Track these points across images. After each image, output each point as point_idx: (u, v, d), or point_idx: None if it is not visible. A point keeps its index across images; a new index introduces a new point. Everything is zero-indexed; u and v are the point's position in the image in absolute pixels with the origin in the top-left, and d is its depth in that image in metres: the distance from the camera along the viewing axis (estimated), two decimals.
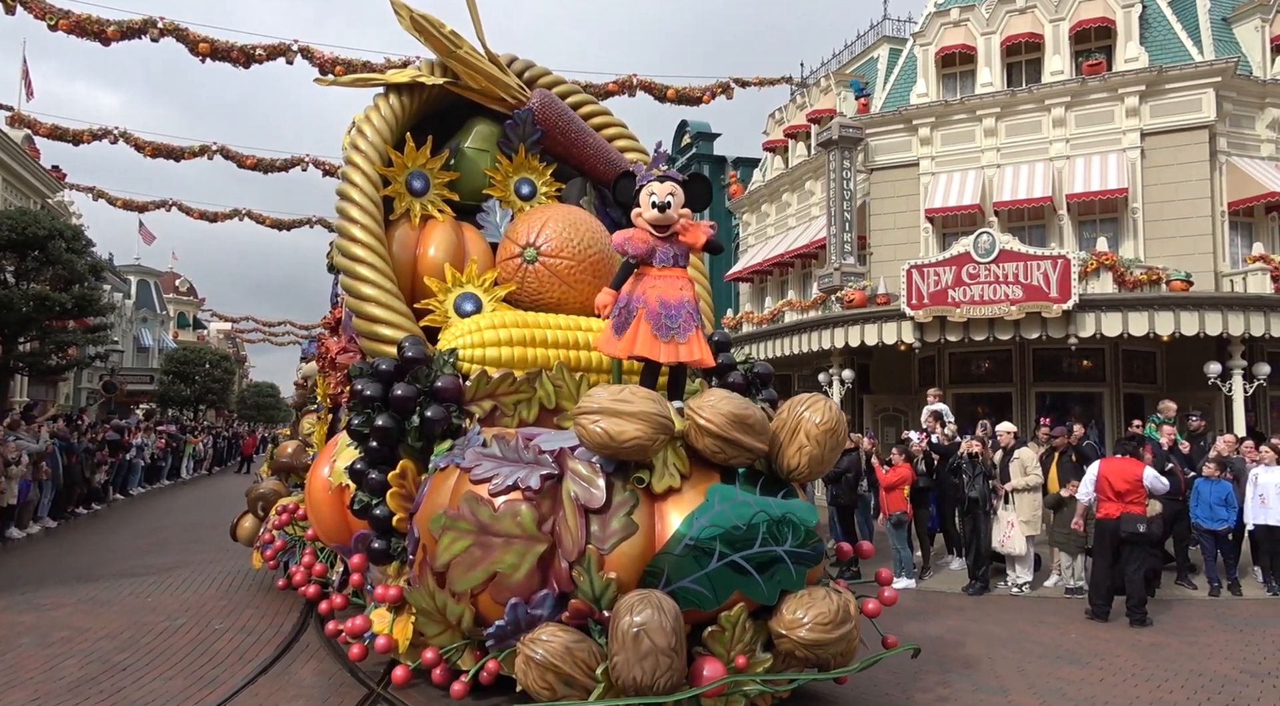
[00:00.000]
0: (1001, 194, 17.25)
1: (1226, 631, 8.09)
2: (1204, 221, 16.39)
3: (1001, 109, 17.81)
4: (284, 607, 8.34)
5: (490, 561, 4.04)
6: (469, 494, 4.20)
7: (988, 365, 17.77)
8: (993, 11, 18.19)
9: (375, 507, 4.87)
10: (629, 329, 4.62)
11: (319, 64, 15.83)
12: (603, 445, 3.93)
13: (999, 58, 18.17)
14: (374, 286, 5.52)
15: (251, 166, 19.25)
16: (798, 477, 4.22)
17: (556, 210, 6.20)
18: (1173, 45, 17.29)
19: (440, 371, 5.03)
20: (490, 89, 6.37)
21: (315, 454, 7.65)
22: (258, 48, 15.47)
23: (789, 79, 22.12)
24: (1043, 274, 14.55)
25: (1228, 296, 15.08)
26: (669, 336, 4.55)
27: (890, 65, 20.68)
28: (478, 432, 4.66)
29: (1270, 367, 15.21)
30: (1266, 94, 17.08)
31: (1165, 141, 16.70)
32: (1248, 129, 17.14)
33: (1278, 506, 9.83)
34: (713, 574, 3.85)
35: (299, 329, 51.96)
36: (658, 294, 4.62)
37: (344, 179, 5.89)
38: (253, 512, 10.08)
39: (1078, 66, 17.51)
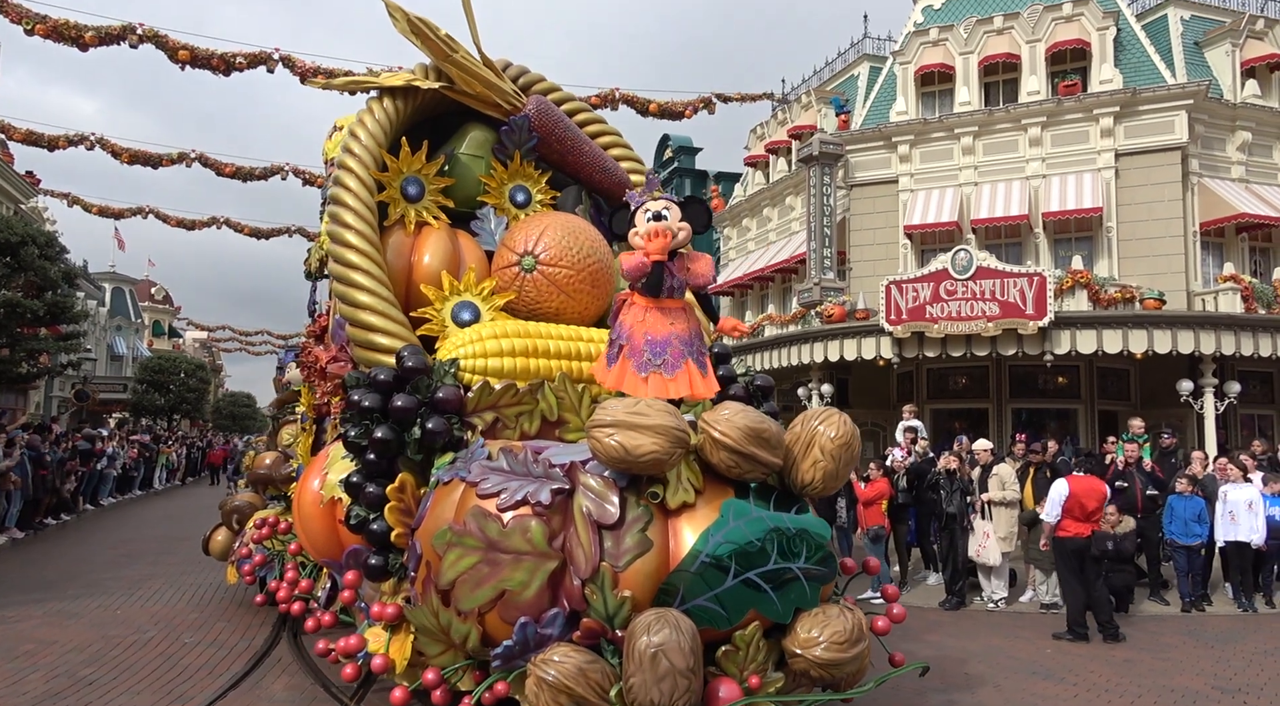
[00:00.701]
0: (979, 211, 17.45)
1: (1198, 647, 8.17)
2: (1176, 241, 16.65)
3: (979, 128, 18.03)
4: (256, 621, 8.22)
5: (499, 579, 3.91)
6: (476, 509, 4.08)
7: (965, 381, 17.92)
8: (971, 32, 18.44)
9: (373, 522, 4.72)
10: (619, 361, 4.61)
11: (300, 73, 15.75)
12: (618, 459, 3.83)
13: (977, 77, 18.41)
14: (370, 294, 5.38)
15: (230, 174, 19.11)
16: (812, 492, 4.15)
17: (555, 218, 6.09)
18: (1146, 68, 17.61)
19: (441, 382, 4.91)
20: (486, 94, 6.28)
21: (300, 466, 7.46)
22: (238, 56, 15.36)
23: (770, 95, 22.29)
24: (1019, 291, 14.71)
25: (1199, 315, 15.32)
26: (650, 371, 4.50)
27: (870, 83, 20.90)
28: (482, 445, 4.55)
29: (1240, 386, 15.44)
30: (1236, 117, 17.43)
31: (1139, 162, 16.98)
32: (1218, 151, 17.47)
33: (1247, 523, 9.97)
34: (728, 592, 3.76)
35: (276, 338, 51.49)
36: (644, 329, 4.57)
37: (336, 183, 5.73)
38: (227, 526, 9.80)
39: (1054, 87, 17.78)
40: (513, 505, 4.00)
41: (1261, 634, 8.74)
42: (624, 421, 3.84)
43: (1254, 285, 15.76)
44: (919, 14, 20.24)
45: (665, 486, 3.93)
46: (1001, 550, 9.81)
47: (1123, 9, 18.45)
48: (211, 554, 10.08)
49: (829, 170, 18.76)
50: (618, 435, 3.82)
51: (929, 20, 19.81)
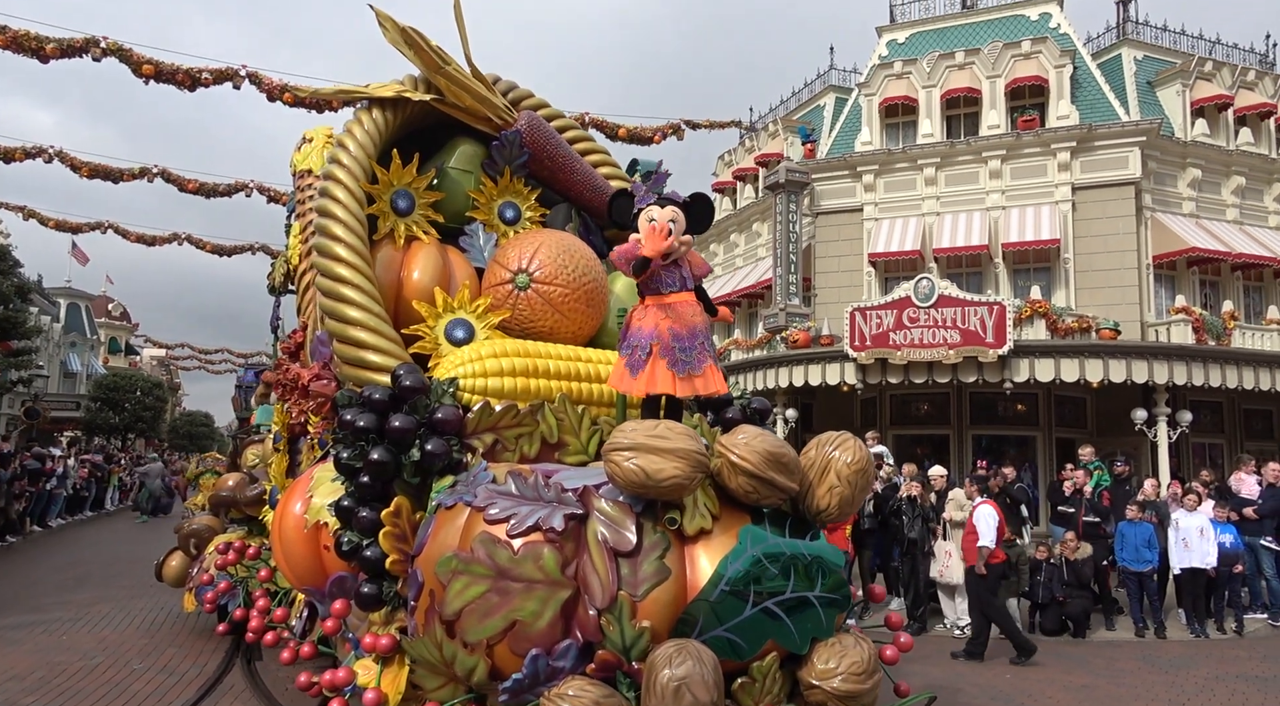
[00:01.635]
0: (941, 241, 17.77)
1: (1153, 672, 8.29)
2: (1131, 273, 17.09)
3: (941, 159, 18.41)
4: (208, 647, 8.01)
5: (509, 608, 3.72)
6: (484, 535, 3.88)
7: (927, 407, 18.14)
8: (933, 66, 18.87)
9: (366, 548, 4.51)
10: (645, 366, 4.41)
11: (267, 90, 15.62)
12: (638, 484, 3.68)
13: (939, 110, 18.82)
14: (361, 309, 5.17)
15: (193, 190, 18.81)
16: (827, 519, 4.03)
17: (549, 235, 5.95)
18: (1101, 105, 18.14)
19: (439, 402, 4.73)
20: (477, 108, 6.13)
21: (273, 488, 7.18)
22: (204, 71, 15.20)
23: (738, 123, 22.56)
24: (979, 319, 14.98)
25: (1153, 346, 15.70)
26: (685, 371, 4.36)
27: (836, 113, 21.26)
28: (485, 468, 4.38)
29: (1192, 415, 15.82)
30: (1187, 154, 17.99)
31: (1095, 196, 17.44)
32: (1170, 187, 18.01)
33: (1200, 549, 10.17)
34: (747, 621, 3.63)
35: (236, 357, 50.61)
36: (669, 325, 4.42)
37: (324, 195, 5.52)
38: (184, 551, 9.38)
39: (1013, 121, 18.24)
40: (523, 531, 3.82)
41: (1213, 660, 8.90)
42: (644, 444, 3.71)
43: (1204, 317, 16.21)
44: (883, 47, 20.68)
45: (682, 512, 3.80)
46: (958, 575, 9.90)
47: (1079, 48, 19.02)
48: (165, 580, 9.63)
49: (795, 198, 19.01)
50: (637, 458, 3.68)
51: (893, 54, 20.25)
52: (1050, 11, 19.60)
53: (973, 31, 19.92)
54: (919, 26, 20.64)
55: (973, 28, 20.05)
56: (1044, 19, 19.57)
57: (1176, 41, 19.93)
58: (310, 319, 6.76)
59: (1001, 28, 19.64)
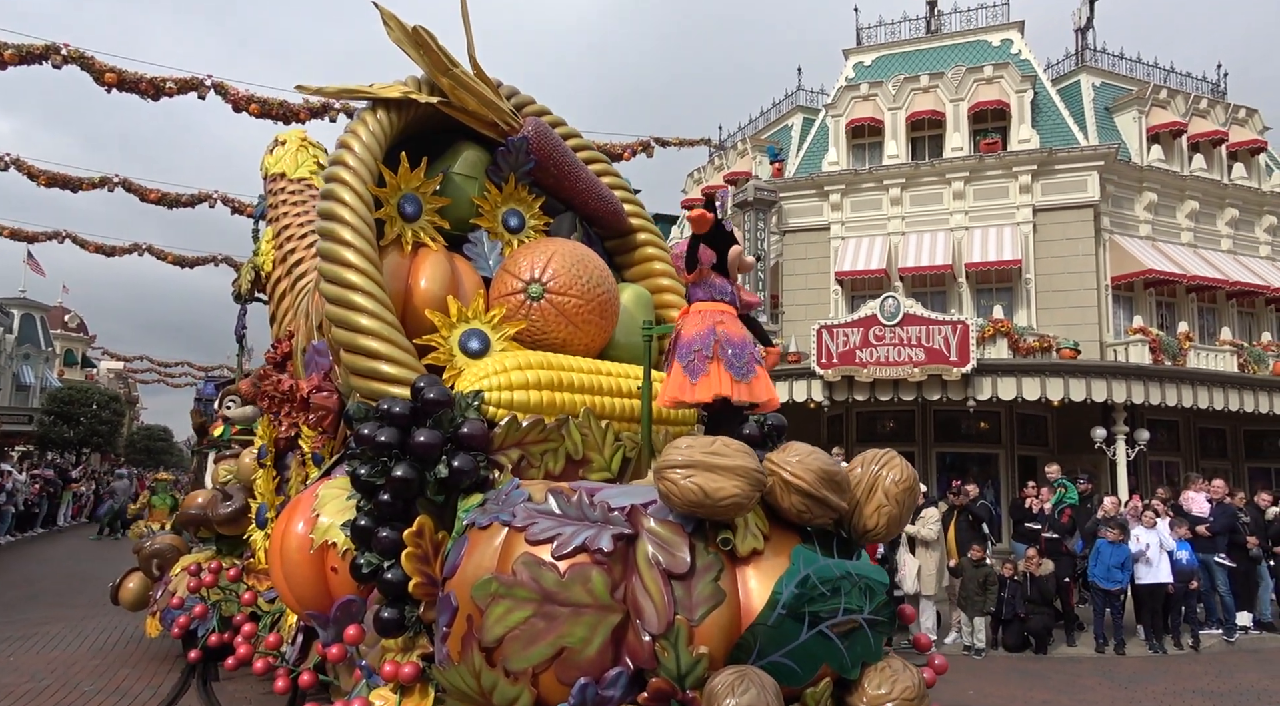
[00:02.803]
0: (906, 260, 18.02)
1: (1113, 688, 8.40)
2: (1090, 294, 17.46)
3: (906, 180, 18.70)
4: (163, 668, 7.80)
5: (557, 635, 3.51)
6: (527, 557, 3.65)
7: (892, 425, 18.32)
8: (899, 88, 19.20)
9: (387, 570, 4.23)
10: (705, 368, 4.26)
11: (233, 100, 15.43)
12: (696, 503, 3.49)
13: (904, 132, 19.14)
14: (373, 318, 4.87)
15: (155, 200, 18.44)
16: (874, 538, 3.89)
17: (562, 245, 5.68)
18: (1061, 130, 18.58)
19: (463, 415, 4.48)
20: (483, 112, 5.86)
21: (262, 505, 6.81)
22: (168, 80, 14.96)
23: (708, 141, 22.75)
24: (943, 338, 15.18)
25: (1111, 365, 16.03)
26: (742, 376, 4.25)
27: (804, 133, 21.52)
28: (516, 486, 4.14)
29: (1150, 434, 16.15)
30: (1144, 178, 18.47)
31: (1055, 218, 17.82)
32: (1128, 210, 18.46)
33: (1159, 565, 10.35)
34: (804, 645, 3.48)
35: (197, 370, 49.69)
36: (723, 328, 4.31)
37: (330, 197, 5.20)
38: (144, 572, 8.80)
39: (976, 144, 18.60)
40: (569, 553, 3.60)
41: (1170, 675, 9.05)
42: (701, 461, 3.53)
43: (1161, 338, 16.61)
44: (850, 69, 21.01)
45: (733, 532, 3.62)
46: (926, 593, 9.97)
47: (1039, 74, 19.48)
48: (122, 603, 9.00)
49: (763, 216, 19.17)
50: (695, 476, 3.49)
51: (859, 76, 20.57)
52: (1011, 38, 20.09)
53: (937, 55, 20.33)
54: (884, 50, 21.02)
55: (937, 52, 20.47)
56: (1005, 45, 20.04)
57: (1133, 69, 20.52)
58: (299, 328, 6.55)
59: (964, 52, 20.07)
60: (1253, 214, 19.73)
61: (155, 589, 8.42)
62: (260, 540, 6.69)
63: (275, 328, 7.53)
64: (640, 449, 5.02)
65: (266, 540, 6.56)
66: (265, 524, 6.75)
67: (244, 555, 7.85)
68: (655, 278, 6.72)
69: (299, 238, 7.65)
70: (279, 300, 7.53)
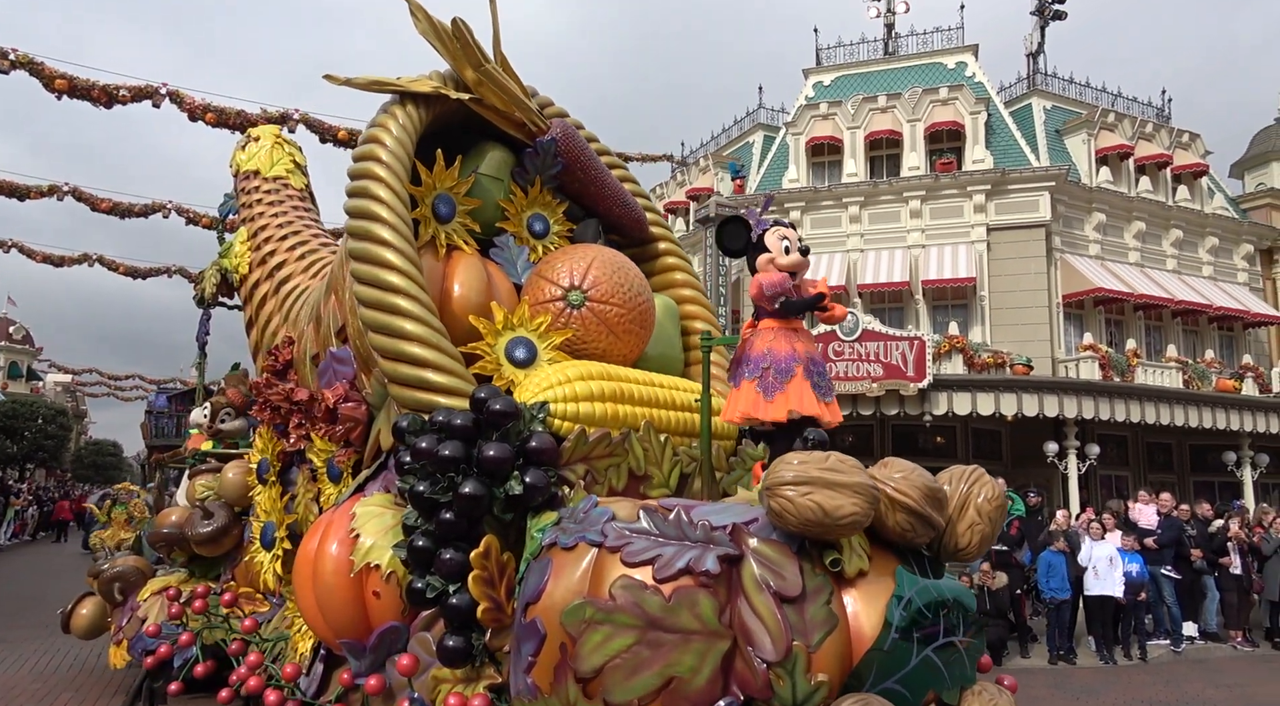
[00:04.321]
0: (864, 277, 18.28)
1: (1065, 699, 8.55)
2: (1042, 311, 17.86)
3: (865, 198, 19.00)
4: (106, 691, 7.58)
5: (664, 664, 3.26)
6: (626, 580, 3.39)
7: (851, 439, 18.49)
8: (857, 108, 19.53)
9: (453, 595, 3.91)
10: (784, 388, 4.07)
11: (189, 109, 15.19)
12: (814, 522, 3.28)
13: (863, 151, 19.46)
14: (418, 323, 4.52)
15: (107, 210, 18.03)
16: (965, 558, 3.71)
17: (600, 251, 5.40)
18: (1014, 151, 19.04)
19: (529, 428, 4.20)
20: (511, 112, 5.53)
21: (268, 523, 6.27)
22: (121, 88, 14.66)
23: (670, 157, 22.92)
24: (901, 354, 15.41)
25: (1063, 381, 16.39)
26: (824, 395, 4.08)
27: (764, 150, 21.78)
28: (595, 504, 3.86)
29: (1099, 448, 16.52)
30: (1093, 199, 18.98)
31: (1008, 237, 18.22)
32: (1078, 230, 18.94)
33: (1109, 578, 10.58)
34: (914, 670, 3.32)
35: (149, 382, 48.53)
36: (804, 348, 4.15)
37: (363, 194, 4.82)
38: (104, 597, 7.93)
39: (932, 164, 18.97)
40: (672, 575, 3.35)
41: (1120, 685, 9.23)
42: (819, 478, 3.32)
43: (1110, 354, 17.05)
44: (810, 89, 21.33)
45: (840, 552, 3.45)
46: None
47: (992, 96, 19.96)
48: (74, 632, 8.18)
49: None
50: (814, 494, 3.28)
51: (819, 95, 20.90)
52: (966, 60, 20.58)
53: (894, 77, 20.73)
54: (843, 70, 21.39)
55: (894, 73, 20.88)
56: (960, 67, 20.52)
57: (1082, 93, 21.11)
58: (306, 334, 6.10)
59: (921, 74, 20.50)
60: (1196, 235, 20.37)
61: (120, 615, 7.62)
62: (267, 562, 6.13)
63: (255, 333, 7.15)
64: (700, 464, 4.73)
65: (274, 562, 6.07)
66: (272, 544, 6.19)
67: (221, 578, 7.24)
68: (678, 288, 6.35)
69: (278, 239, 7.21)
70: (258, 305, 7.15)
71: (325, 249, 7.35)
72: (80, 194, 17.66)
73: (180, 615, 6.13)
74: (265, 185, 7.86)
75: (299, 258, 7.18)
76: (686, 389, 5.12)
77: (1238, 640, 11.63)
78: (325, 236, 7.71)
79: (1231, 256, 20.85)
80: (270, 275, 7.12)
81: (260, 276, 7.24)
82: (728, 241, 4.42)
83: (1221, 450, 17.98)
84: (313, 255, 7.20)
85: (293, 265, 7.00)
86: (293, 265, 7.00)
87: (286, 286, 6.90)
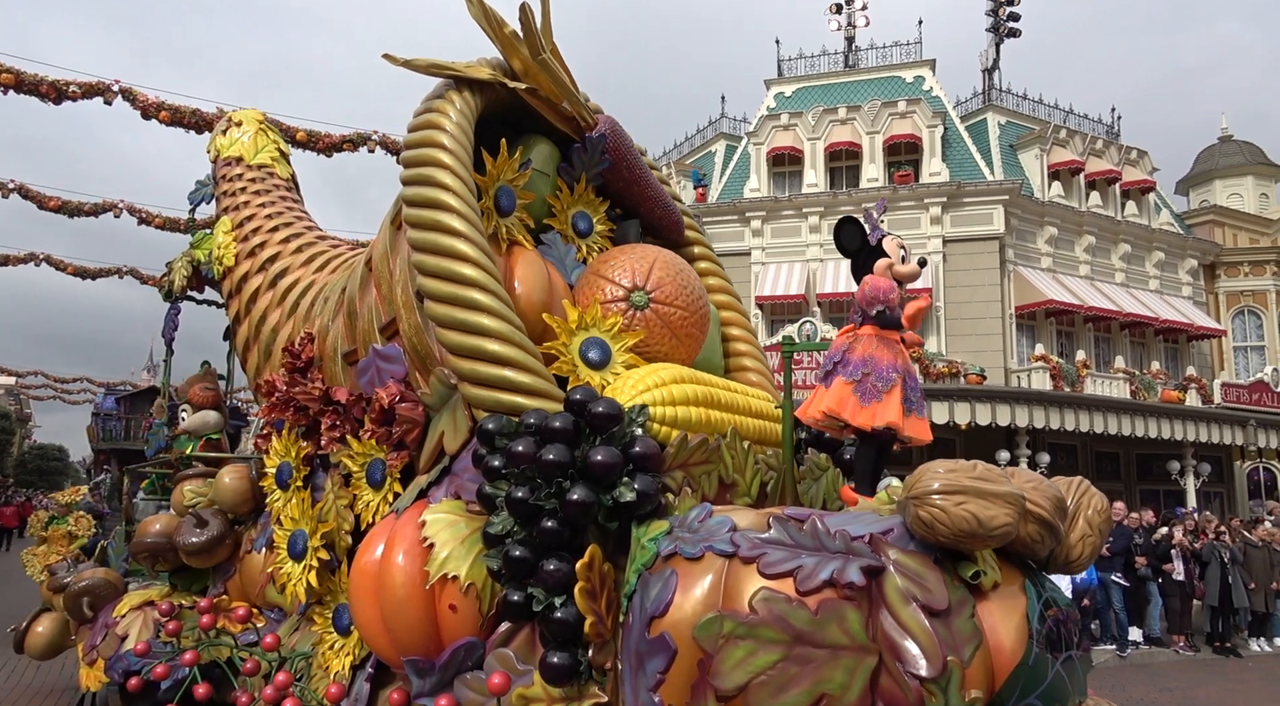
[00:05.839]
0: (824, 286, 18.49)
1: None
2: (995, 322, 18.22)
3: (825, 208, 19.22)
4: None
5: (814, 681, 3.13)
6: (769, 593, 3.25)
7: None
8: (818, 119, 19.78)
9: (559, 608, 3.73)
10: (881, 397, 3.97)
11: (142, 107, 14.88)
12: (969, 532, 3.17)
13: (823, 161, 19.70)
14: (497, 318, 4.26)
15: (55, 208, 17.56)
16: (1076, 569, 3.63)
17: (660, 252, 5.22)
18: (969, 165, 19.41)
19: (629, 432, 4.01)
20: (562, 104, 5.31)
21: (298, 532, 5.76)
22: (71, 84, 14.31)
23: None
24: None
25: (1015, 391, 16.73)
26: (911, 410, 3.98)
27: (726, 160, 21.94)
28: (709, 512, 3.71)
29: (1050, 456, 16.89)
30: (1045, 213, 19.41)
31: (963, 249, 18.57)
32: (1030, 243, 19.36)
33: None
34: (1051, 685, 3.23)
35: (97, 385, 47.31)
36: (903, 362, 4.03)
37: (426, 181, 4.55)
38: (73, 613, 7.25)
39: (890, 175, 19.27)
40: (815, 588, 3.22)
41: None
42: (972, 488, 3.20)
43: (1060, 365, 17.44)
44: (771, 99, 21.54)
45: (978, 565, 3.40)
46: None
47: (949, 110, 20.34)
48: (29, 652, 7.56)
49: None
50: (969, 504, 3.16)
51: (780, 106, 21.11)
52: (924, 75, 20.94)
53: (854, 89, 21.03)
54: (804, 82, 21.65)
55: (854, 85, 21.18)
56: (918, 81, 20.88)
57: (1035, 109, 21.60)
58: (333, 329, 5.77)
59: (880, 87, 20.82)
60: (1143, 249, 20.94)
61: (90, 633, 6.95)
62: (297, 574, 5.62)
63: (245, 329, 6.83)
64: (783, 473, 4.74)
65: (307, 574, 5.56)
66: (303, 554, 5.68)
67: (210, 591, 6.72)
68: (714, 293, 6.13)
69: (268, 230, 6.84)
70: (250, 299, 6.84)
71: (322, 242, 7.07)
72: (27, 191, 17.18)
73: (178, 632, 5.61)
74: (249, 173, 7.51)
75: (295, 250, 6.84)
76: (755, 395, 4.98)
77: (1180, 644, 11.95)
78: (319, 229, 7.45)
79: (1177, 271, 21.47)
80: (263, 268, 6.76)
81: (250, 269, 6.86)
82: (845, 241, 4.26)
83: (1166, 459, 18.48)
84: (311, 249, 6.87)
85: (289, 258, 6.65)
86: (289, 258, 6.65)
87: (285, 280, 6.54)
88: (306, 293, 6.37)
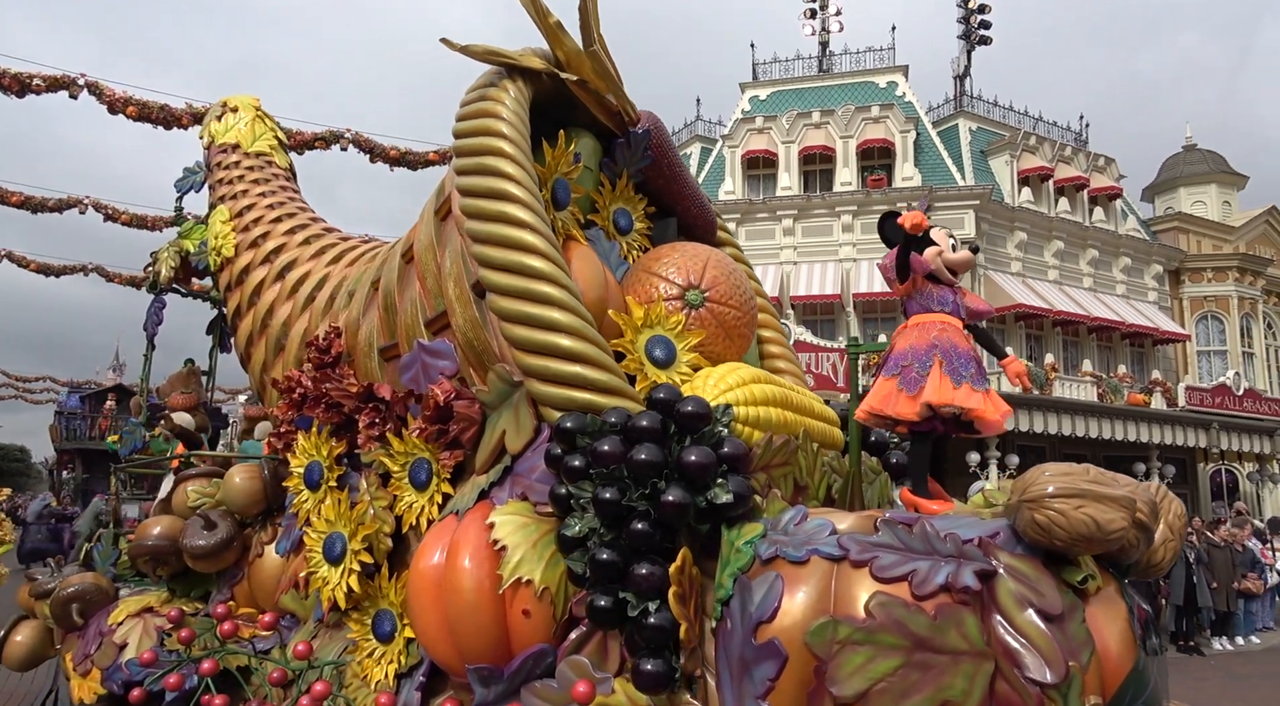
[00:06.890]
0: (797, 288, 18.59)
1: None
2: None
3: (799, 211, 19.34)
4: None
5: (936, 687, 3.06)
6: (886, 597, 3.18)
7: None
8: (792, 123, 19.89)
9: (653, 613, 3.67)
10: (924, 381, 3.84)
11: (109, 101, 14.62)
12: (1087, 536, 3.09)
13: (797, 165, 19.82)
14: (569, 312, 4.08)
15: (17, 204, 17.19)
16: (1157, 572, 3.54)
17: (712, 251, 5.08)
18: (941, 169, 19.63)
19: (715, 432, 3.92)
20: (606, 97, 5.17)
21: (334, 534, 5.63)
22: (35, 77, 14.04)
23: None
24: (831, 364, 15.71)
25: None
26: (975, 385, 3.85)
27: (702, 162, 21.99)
28: (805, 514, 3.63)
29: (1019, 459, 17.09)
30: (1015, 218, 19.67)
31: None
32: (1000, 247, 19.60)
33: None
34: (1154, 690, 3.21)
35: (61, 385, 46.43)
36: (948, 338, 3.89)
37: (487, 171, 4.42)
38: (59, 621, 6.52)
39: (863, 179, 19.42)
40: (931, 592, 3.14)
41: None
42: (1089, 491, 3.12)
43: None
44: (746, 103, 21.64)
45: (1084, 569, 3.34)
46: None
47: (921, 116, 20.55)
48: (7, 663, 7.47)
49: None
50: (1087, 507, 3.08)
51: (755, 110, 21.21)
52: (896, 80, 21.15)
53: (828, 93, 21.18)
54: (779, 85, 21.77)
55: (828, 90, 21.33)
56: (891, 87, 21.08)
57: (1005, 116, 21.89)
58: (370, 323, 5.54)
59: (854, 92, 20.99)
60: (1110, 255, 21.28)
61: (82, 642, 6.88)
62: (336, 579, 5.30)
63: (248, 322, 6.57)
64: (850, 476, 4.65)
65: (347, 578, 5.25)
66: (340, 558, 5.35)
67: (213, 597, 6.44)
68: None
69: (270, 220, 6.65)
70: (254, 291, 6.61)
71: (331, 234, 6.92)
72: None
73: (191, 639, 5.27)
74: (248, 161, 7.27)
75: (303, 242, 6.64)
76: (815, 397, 5.05)
77: None
78: (323, 221, 7.27)
79: (1143, 276, 21.84)
80: (268, 260, 6.55)
81: (253, 260, 6.67)
82: (890, 233, 4.21)
83: (1132, 461, 18.76)
84: (319, 240, 6.67)
85: (296, 250, 6.46)
86: (296, 250, 6.46)
87: (294, 273, 6.33)
88: (322, 285, 6.14)
